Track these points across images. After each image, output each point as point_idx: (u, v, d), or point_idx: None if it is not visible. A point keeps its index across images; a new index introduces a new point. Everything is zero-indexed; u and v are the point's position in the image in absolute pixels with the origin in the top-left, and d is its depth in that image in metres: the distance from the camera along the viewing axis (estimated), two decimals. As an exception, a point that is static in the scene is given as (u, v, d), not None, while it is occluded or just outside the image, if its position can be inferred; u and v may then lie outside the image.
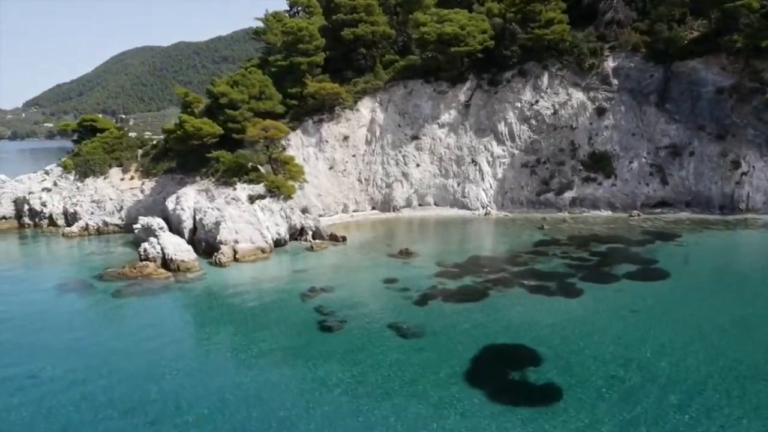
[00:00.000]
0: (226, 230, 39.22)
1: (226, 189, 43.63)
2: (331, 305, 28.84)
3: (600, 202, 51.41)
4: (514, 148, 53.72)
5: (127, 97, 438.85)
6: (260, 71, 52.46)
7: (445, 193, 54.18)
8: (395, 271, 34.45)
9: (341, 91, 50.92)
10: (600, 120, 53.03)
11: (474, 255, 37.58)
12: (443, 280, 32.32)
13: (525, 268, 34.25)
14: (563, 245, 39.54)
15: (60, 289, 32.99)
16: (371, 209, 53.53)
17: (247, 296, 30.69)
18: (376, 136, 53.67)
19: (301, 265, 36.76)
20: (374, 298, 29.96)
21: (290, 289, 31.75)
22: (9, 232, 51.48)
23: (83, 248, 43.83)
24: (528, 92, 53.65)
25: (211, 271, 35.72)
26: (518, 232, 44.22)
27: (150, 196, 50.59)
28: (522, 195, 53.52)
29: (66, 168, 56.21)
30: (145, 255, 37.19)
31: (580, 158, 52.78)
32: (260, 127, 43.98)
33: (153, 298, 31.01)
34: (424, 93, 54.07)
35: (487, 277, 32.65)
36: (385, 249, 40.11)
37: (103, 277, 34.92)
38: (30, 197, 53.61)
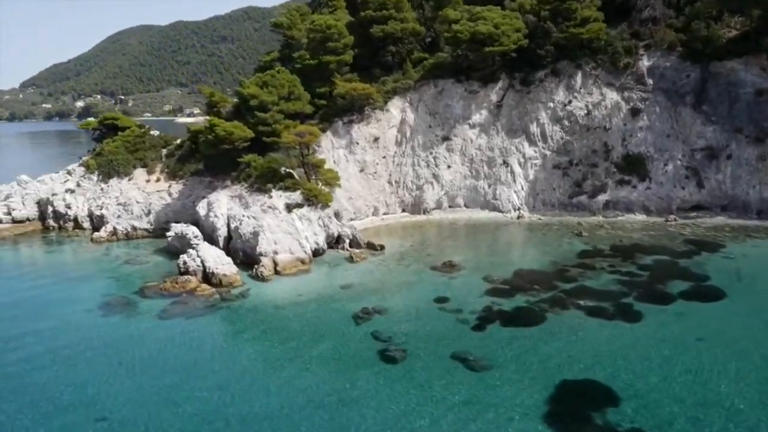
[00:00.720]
0: (265, 241, 38.48)
1: (260, 196, 42.75)
2: (387, 330, 28.29)
3: (634, 205, 50.65)
4: (546, 149, 52.79)
5: (126, 78, 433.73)
6: (287, 70, 51.14)
7: (476, 195, 53.38)
8: (443, 288, 33.86)
9: (373, 92, 49.76)
10: (634, 121, 52.01)
11: (519, 268, 36.96)
12: (495, 300, 31.75)
13: (575, 285, 33.65)
14: (608, 256, 38.91)
15: (102, 308, 32.31)
16: (401, 211, 52.76)
17: (298, 319, 30.00)
18: (407, 137, 52.64)
19: (345, 279, 36.08)
20: (430, 322, 29.34)
21: (341, 309, 31.14)
22: (34, 235, 50.80)
23: (115, 256, 43.09)
24: (561, 92, 52.52)
25: (254, 286, 35.06)
26: (557, 240, 43.54)
27: (178, 199, 49.71)
28: (554, 197, 52.76)
29: (89, 168, 55.26)
30: (185, 268, 36.51)
31: (613, 160, 51.88)
32: (295, 132, 42.91)
33: (200, 321, 30.26)
34: (455, 93, 52.90)
35: (540, 296, 32.07)
36: (426, 260, 39.48)
37: (144, 293, 34.30)
38: (54, 199, 52.78)
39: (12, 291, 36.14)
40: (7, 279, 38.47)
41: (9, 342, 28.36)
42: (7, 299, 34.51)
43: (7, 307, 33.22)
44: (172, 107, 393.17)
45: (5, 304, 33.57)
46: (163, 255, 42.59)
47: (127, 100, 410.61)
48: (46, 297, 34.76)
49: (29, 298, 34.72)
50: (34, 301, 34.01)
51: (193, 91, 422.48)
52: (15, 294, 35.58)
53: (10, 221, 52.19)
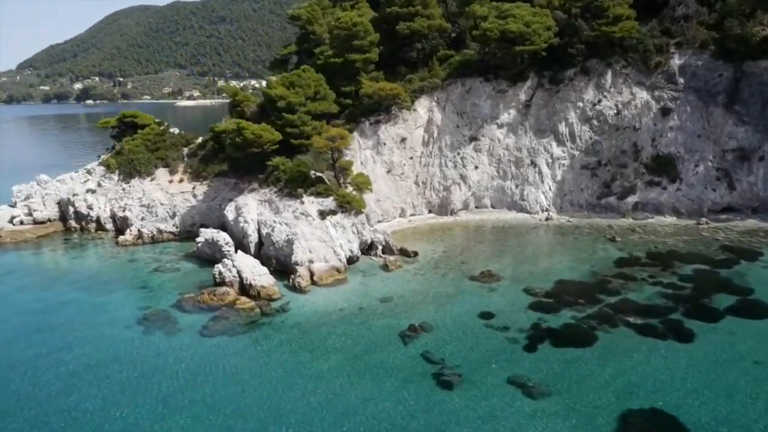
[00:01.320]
0: (300, 250, 37.91)
1: (291, 201, 42.09)
2: (437, 350, 27.93)
3: (664, 207, 50.13)
4: (574, 149, 52.07)
5: (124, 59, 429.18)
6: (312, 68, 50.07)
7: (503, 196, 52.77)
8: (486, 301, 33.46)
9: (401, 92, 48.79)
10: (664, 121, 51.25)
11: (559, 278, 36.53)
12: (541, 315, 31.37)
13: (620, 299, 33.26)
14: (646, 265, 38.49)
15: (142, 324, 31.80)
16: (428, 212, 52.18)
17: (344, 339, 29.47)
18: (434, 137, 51.82)
19: (383, 290, 35.59)
20: (479, 341, 28.94)
21: (386, 326, 30.70)
22: (56, 237, 50.16)
23: (144, 262, 42.49)
24: (590, 91, 51.65)
25: (292, 299, 34.57)
26: (591, 245, 43.09)
27: (203, 201, 49.00)
28: (582, 198, 52.20)
29: (109, 167, 54.40)
30: (221, 278, 35.98)
31: (643, 161, 51.22)
32: (327, 137, 42.08)
33: (244, 341, 29.71)
34: (483, 92, 51.95)
35: (586, 311, 31.68)
36: (462, 268, 39.02)
37: (182, 306, 33.81)
38: (75, 199, 52.04)
39: (43, 301, 35.52)
40: (36, 288, 37.85)
41: (48, 360, 27.93)
42: (40, 312, 33.86)
43: (40, 320, 32.67)
44: (172, 90, 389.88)
45: (38, 318, 33.00)
46: (193, 261, 42.04)
47: (126, 83, 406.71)
48: (80, 309, 34.20)
49: (62, 310, 34.14)
50: (68, 314, 33.44)
51: (192, 74, 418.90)
52: (46, 305, 34.96)
53: (32, 222, 51.50)
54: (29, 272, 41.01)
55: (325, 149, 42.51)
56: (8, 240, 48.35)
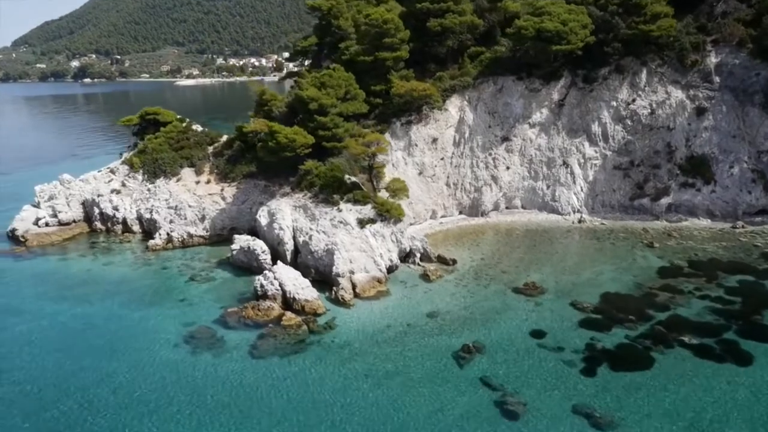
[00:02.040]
0: (341, 260, 37.37)
1: (327, 208, 41.42)
2: (494, 374, 27.70)
3: (698, 209, 49.58)
4: (606, 149, 51.29)
5: (120, 36, 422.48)
6: (341, 67, 48.91)
7: (534, 196, 52.14)
8: (534, 317, 33.14)
9: (434, 92, 47.74)
10: (699, 121, 50.39)
11: (605, 291, 36.14)
12: (594, 334, 31.04)
13: (670, 315, 32.93)
14: (689, 276, 38.10)
15: (189, 343, 31.39)
16: (458, 213, 51.57)
17: (397, 360, 29.09)
18: (465, 138, 50.91)
19: (428, 304, 35.19)
20: (535, 363, 28.62)
21: (438, 346, 30.38)
22: (82, 240, 49.53)
23: (178, 270, 41.92)
24: (625, 90, 50.66)
25: (338, 313, 34.16)
26: (629, 252, 42.62)
27: (233, 204, 48.24)
28: (614, 199, 51.59)
29: (133, 167, 53.47)
30: (263, 291, 35.49)
31: (676, 161, 50.49)
32: (364, 142, 41.24)
33: (296, 363, 29.27)
34: (515, 91, 50.90)
35: (638, 330, 31.36)
36: (502, 278, 38.59)
37: (227, 322, 33.38)
38: (100, 200, 51.25)
39: (84, 318, 35.00)
40: (73, 301, 37.30)
41: (102, 387, 27.61)
42: (83, 330, 33.43)
43: (85, 340, 32.27)
44: (170, 68, 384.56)
45: (83, 337, 32.62)
46: (228, 270, 41.50)
47: (124, 60, 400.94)
48: (123, 326, 33.75)
49: (106, 327, 33.65)
50: (113, 332, 32.94)
51: (191, 51, 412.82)
52: (88, 322, 34.45)
53: (57, 223, 50.73)
54: (63, 282, 40.36)
55: (362, 156, 41.65)
56: (35, 243, 47.71)
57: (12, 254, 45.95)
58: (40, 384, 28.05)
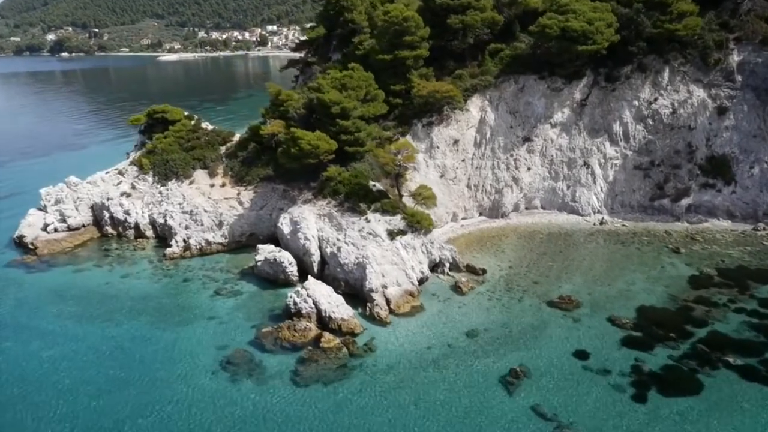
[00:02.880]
0: (374, 275, 36.61)
1: (354, 218, 40.47)
2: (545, 402, 27.51)
3: (718, 210, 49.59)
4: (627, 149, 50.77)
5: (98, 8, 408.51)
6: (360, 66, 47.39)
7: (554, 197, 51.66)
8: (575, 336, 32.95)
9: (457, 94, 46.53)
10: (720, 120, 50.03)
11: (640, 305, 36.01)
12: (637, 354, 30.97)
13: (709, 331, 32.99)
14: (721, 286, 38.15)
15: (227, 369, 30.64)
16: (479, 215, 50.95)
17: (443, 386, 28.81)
18: (486, 138, 49.94)
19: (465, 321, 34.74)
20: (583, 389, 28.45)
21: (482, 370, 30.04)
22: (94, 246, 47.95)
23: (201, 282, 40.84)
24: (647, 89, 49.94)
25: (375, 332, 33.57)
26: (657, 259, 42.50)
27: (251, 209, 46.94)
28: (633, 199, 51.32)
29: (142, 168, 51.71)
30: (296, 309, 34.69)
31: (697, 161, 50.22)
32: (393, 150, 40.14)
33: (341, 391, 28.76)
34: (537, 90, 49.87)
35: (680, 349, 31.39)
36: (535, 290, 38.26)
37: (262, 344, 32.59)
38: (110, 204, 49.56)
39: (111, 339, 33.91)
40: (97, 320, 36.07)
41: (139, 420, 26.90)
42: (113, 355, 32.40)
43: (117, 367, 31.27)
44: (150, 41, 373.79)
45: (115, 364, 31.58)
46: (252, 282, 40.52)
47: (102, 34, 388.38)
48: (155, 350, 32.72)
49: (137, 352, 32.61)
50: (145, 357, 32.04)
51: (171, 24, 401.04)
52: (117, 344, 33.39)
53: (66, 229, 49.07)
54: (82, 297, 38.99)
55: (391, 165, 40.58)
56: (46, 251, 46.10)
57: (24, 264, 44.36)
58: (73, 421, 27.15)
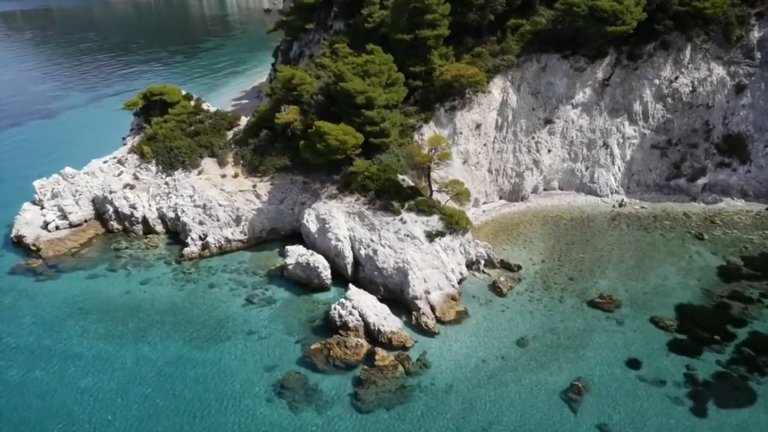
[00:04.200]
0: (417, 281, 35.80)
1: (388, 217, 39.11)
2: (610, 420, 28.04)
3: (732, 189, 50.26)
4: (645, 128, 50.32)
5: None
6: (380, 49, 44.61)
7: (572, 178, 51.25)
8: (622, 342, 33.33)
9: (482, 78, 44.50)
10: (738, 98, 49.83)
11: (678, 302, 36.57)
12: (687, 361, 31.65)
13: (749, 332, 33.86)
14: (751, 278, 38.96)
15: (282, 396, 29.88)
16: (499, 199, 50.24)
17: (506, 405, 28.99)
18: (508, 121, 48.47)
19: (511, 328, 34.60)
20: (644, 404, 28.93)
21: (541, 385, 30.18)
22: (101, 244, 45.34)
23: (229, 288, 39.21)
24: (668, 67, 49.00)
25: (426, 345, 33.13)
26: (682, 247, 43.04)
27: (270, 203, 44.79)
28: (649, 178, 51.42)
29: (144, 156, 48.41)
30: (341, 322, 33.83)
31: (713, 141, 50.31)
32: (420, 142, 38.48)
33: (405, 414, 28.54)
34: (559, 70, 48.22)
35: (726, 353, 32.25)
36: (573, 288, 38.32)
37: (314, 364, 31.75)
38: (113, 197, 46.57)
39: (148, 363, 32.33)
40: (127, 339, 34.25)
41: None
42: (153, 380, 31.07)
43: (158, 393, 30.14)
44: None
45: (154, 390, 30.35)
46: (284, 286, 39.14)
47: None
48: (198, 374, 31.44)
49: (177, 376, 31.29)
50: (189, 383, 30.78)
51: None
52: (156, 368, 31.92)
53: (68, 225, 46.02)
54: (105, 311, 36.89)
55: (426, 162, 38.97)
56: (51, 253, 43.26)
57: (30, 270, 41.56)
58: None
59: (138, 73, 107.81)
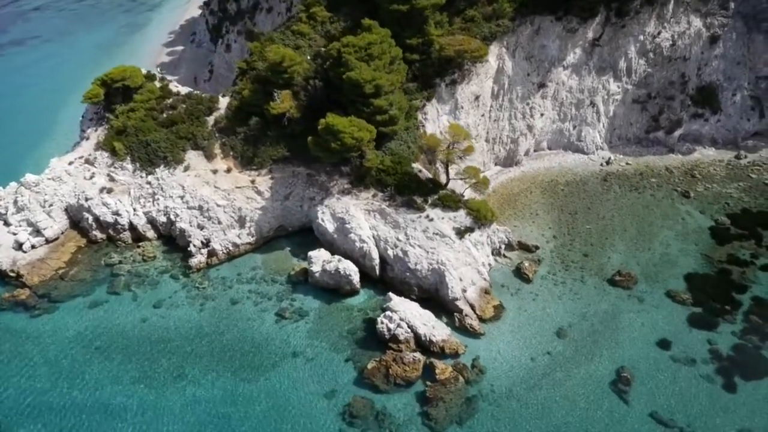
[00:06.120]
0: (454, 281, 35.99)
1: (412, 215, 38.24)
2: (659, 407, 30.82)
3: (704, 138, 53.28)
4: (628, 84, 51.25)
5: None
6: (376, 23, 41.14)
7: (560, 137, 52.02)
8: (649, 321, 35.95)
9: (484, 50, 42.63)
10: (711, 49, 51.48)
11: (686, 273, 39.55)
12: (708, 336, 34.91)
13: (751, 298, 37.42)
14: (741, 239, 42.36)
15: (353, 426, 30.03)
16: (494, 165, 50.26)
17: (565, 405, 30.93)
18: (504, 89, 47.44)
19: (547, 318, 36.11)
20: (682, 385, 31.83)
21: (590, 378, 32.34)
22: (88, 260, 41.32)
23: (253, 302, 37.61)
24: (652, 23, 49.29)
25: (475, 348, 34.03)
26: (673, 208, 45.75)
27: (274, 200, 42.08)
28: (630, 132, 53.23)
29: (116, 154, 43.28)
30: (390, 335, 33.84)
31: (689, 92, 52.30)
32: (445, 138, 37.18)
33: (477, 427, 29.83)
34: (552, 32, 47.08)
35: (738, 323, 35.76)
36: (590, 266, 40.13)
37: (374, 384, 31.87)
38: (90, 204, 41.95)
39: (196, 405, 31.14)
40: (167, 379, 32.44)
41: None
42: (210, 423, 30.09)
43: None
44: None
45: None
46: (311, 294, 38.01)
47: None
48: (255, 411, 30.87)
49: (232, 417, 30.59)
50: (248, 422, 30.27)
51: None
52: (206, 410, 30.88)
53: (44, 242, 41.18)
54: (125, 347, 34.33)
55: (450, 156, 37.75)
56: (36, 280, 38.86)
57: (19, 303, 37.35)
58: None
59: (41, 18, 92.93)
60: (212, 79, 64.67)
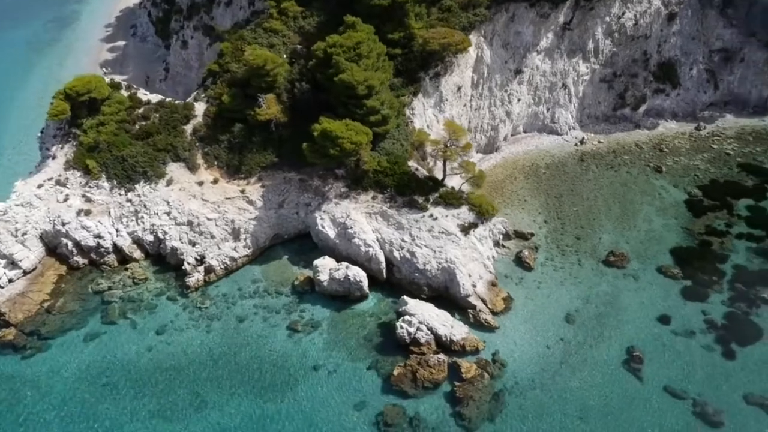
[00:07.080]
0: (464, 278, 36.40)
1: (415, 214, 38.19)
2: (670, 380, 32.79)
3: (666, 112, 55.86)
4: (596, 64, 52.75)
5: None
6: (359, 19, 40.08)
7: (535, 120, 53.14)
8: (646, 299, 38.00)
9: (467, 42, 42.51)
10: (669, 26, 53.72)
11: (670, 247, 41.84)
12: (702, 307, 37.33)
13: (732, 267, 40.18)
14: (714, 209, 45.12)
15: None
16: (476, 153, 50.62)
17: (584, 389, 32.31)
18: (484, 78, 47.66)
19: (554, 304, 37.33)
20: (686, 357, 34.00)
21: (603, 360, 33.82)
22: (74, 289, 38.68)
23: (261, 318, 36.65)
24: (617, 3, 50.63)
25: (493, 342, 34.76)
26: (648, 184, 47.98)
27: (267, 208, 40.76)
28: (598, 110, 55.01)
29: (91, 172, 40.50)
30: (411, 339, 34.01)
31: (651, 69, 54.46)
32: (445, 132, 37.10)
33: (510, 422, 30.67)
34: (526, 18, 47.55)
35: (726, 292, 38.29)
36: (584, 248, 41.67)
37: (403, 390, 32.07)
38: (68, 229, 39.29)
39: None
40: (188, 412, 31.27)
41: None
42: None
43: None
44: None
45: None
46: (319, 303, 37.44)
47: None
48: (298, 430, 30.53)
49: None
50: None
51: None
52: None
53: (21, 275, 38.22)
54: (136, 380, 32.70)
55: (450, 156, 37.68)
56: (20, 317, 36.11)
57: (7, 344, 34.67)
58: None
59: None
60: (168, 79, 61.11)
